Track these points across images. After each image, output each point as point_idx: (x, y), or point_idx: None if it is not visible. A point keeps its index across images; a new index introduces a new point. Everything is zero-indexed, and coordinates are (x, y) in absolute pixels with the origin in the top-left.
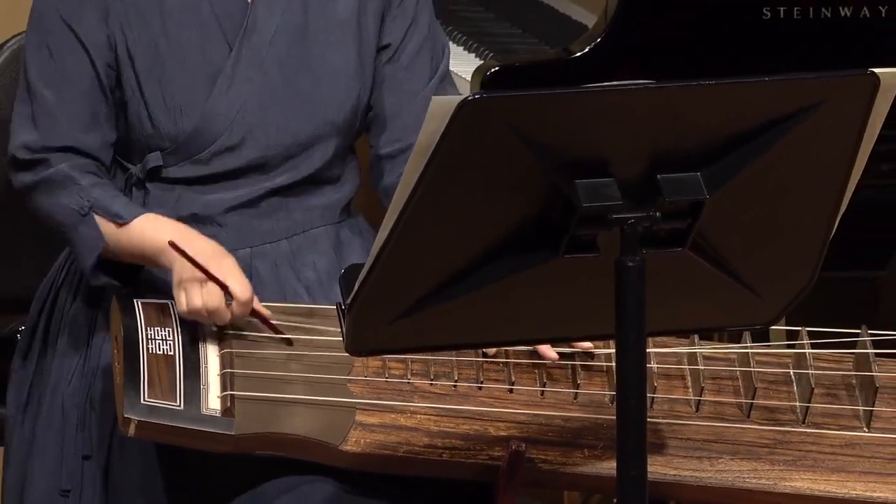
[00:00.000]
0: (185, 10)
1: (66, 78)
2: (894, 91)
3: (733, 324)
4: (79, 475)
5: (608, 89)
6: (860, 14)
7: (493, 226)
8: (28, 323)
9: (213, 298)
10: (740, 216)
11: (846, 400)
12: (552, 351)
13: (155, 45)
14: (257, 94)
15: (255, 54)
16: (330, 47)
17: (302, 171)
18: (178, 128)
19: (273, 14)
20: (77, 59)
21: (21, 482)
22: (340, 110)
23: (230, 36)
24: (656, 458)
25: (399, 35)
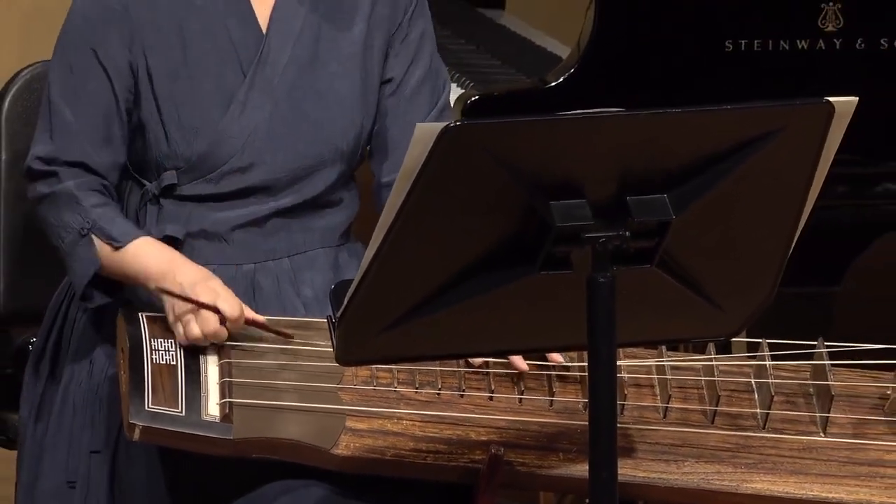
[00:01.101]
0: (205, 39)
1: (86, 98)
2: (848, 118)
3: (698, 336)
4: (87, 469)
5: (581, 117)
6: (816, 46)
7: (474, 244)
8: (41, 332)
9: (209, 324)
10: (704, 235)
11: (804, 407)
12: (523, 362)
13: (175, 71)
14: (267, 120)
15: (267, 82)
16: (337, 78)
17: (305, 193)
18: (192, 149)
19: (286, 45)
20: (98, 81)
21: (34, 479)
22: (344, 137)
23: (245, 64)
24: (626, 461)
25: (402, 70)
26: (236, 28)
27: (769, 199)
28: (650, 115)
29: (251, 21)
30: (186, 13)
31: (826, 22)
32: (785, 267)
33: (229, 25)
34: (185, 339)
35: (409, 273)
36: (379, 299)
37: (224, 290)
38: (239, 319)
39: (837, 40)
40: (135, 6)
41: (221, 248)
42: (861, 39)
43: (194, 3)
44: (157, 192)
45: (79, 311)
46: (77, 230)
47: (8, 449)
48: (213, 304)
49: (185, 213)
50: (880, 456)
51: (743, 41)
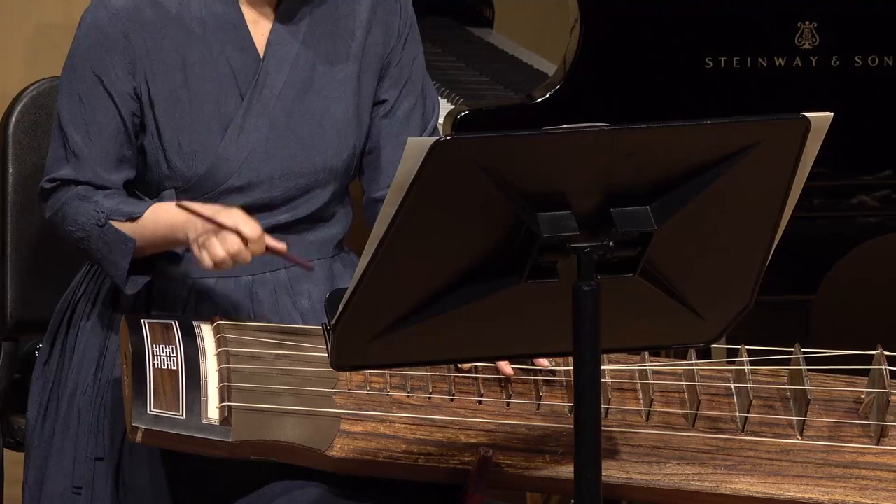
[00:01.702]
0: (205, 66)
1: (94, 123)
2: (823, 133)
3: (679, 342)
4: (91, 475)
5: (566, 131)
6: (793, 63)
7: (463, 254)
8: (47, 336)
9: (233, 244)
10: (685, 245)
11: (781, 411)
12: (509, 367)
13: (175, 96)
14: (264, 142)
15: (264, 106)
16: (331, 101)
17: (301, 210)
18: (191, 170)
19: (282, 70)
20: (104, 107)
21: (41, 480)
22: (338, 157)
23: (243, 88)
24: (610, 462)
25: (395, 93)
26: (235, 55)
27: (748, 210)
28: (633, 130)
29: (249, 48)
30: (187, 42)
31: (802, 40)
32: (763, 276)
33: (228, 52)
34: (210, 262)
35: (401, 282)
36: (372, 307)
37: (244, 215)
38: (260, 240)
39: (813, 58)
40: (136, 35)
41: None
42: (836, 57)
43: (194, 32)
44: None
45: (81, 319)
46: (94, 223)
47: (16, 451)
48: (235, 225)
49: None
50: (855, 458)
51: (722, 58)
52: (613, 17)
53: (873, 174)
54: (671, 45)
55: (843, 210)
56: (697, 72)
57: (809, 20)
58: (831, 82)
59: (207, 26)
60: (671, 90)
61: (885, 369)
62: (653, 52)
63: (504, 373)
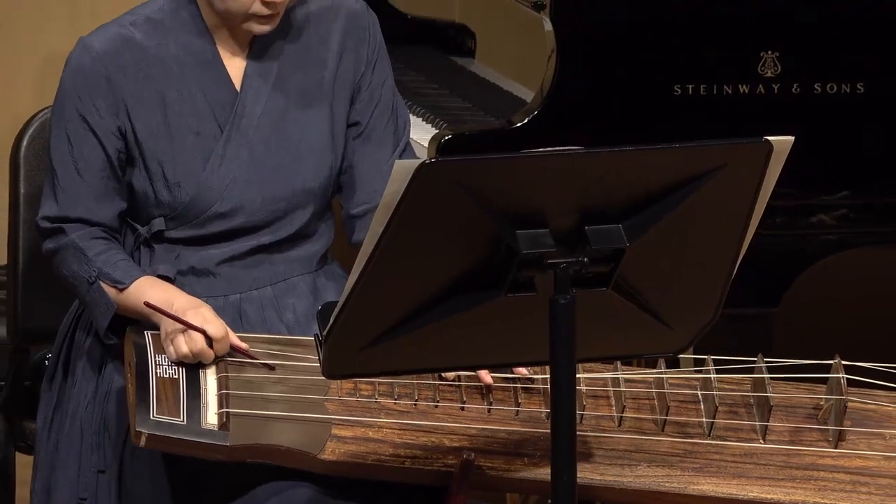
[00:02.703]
0: (184, 102)
1: (82, 162)
2: (785, 155)
3: (650, 352)
4: (94, 486)
5: (544, 155)
6: (756, 90)
7: (447, 269)
8: (53, 352)
9: (196, 343)
10: (656, 261)
11: (745, 416)
12: (489, 377)
13: (157, 133)
14: (245, 170)
15: (243, 136)
16: (307, 128)
17: (283, 231)
18: (177, 200)
19: (259, 101)
20: (90, 145)
21: (47, 489)
22: (316, 181)
23: (222, 120)
24: (584, 465)
25: (366, 116)
26: (212, 89)
27: (714, 228)
28: (606, 153)
29: (226, 82)
30: (165, 80)
31: (765, 68)
32: (728, 290)
33: (205, 87)
34: (175, 356)
35: (389, 296)
36: (361, 319)
37: (212, 316)
38: (224, 340)
39: (775, 85)
40: (117, 77)
41: (209, 282)
42: (797, 84)
43: (172, 71)
44: (147, 236)
45: (84, 336)
46: (86, 279)
47: (28, 454)
48: (201, 326)
49: (174, 254)
50: (814, 461)
51: (690, 86)
52: (587, 48)
53: (832, 194)
54: (642, 73)
55: (804, 228)
56: (666, 98)
57: (771, 50)
58: (792, 108)
59: (185, 64)
60: (642, 115)
61: (842, 378)
62: (625, 80)
63: (484, 382)
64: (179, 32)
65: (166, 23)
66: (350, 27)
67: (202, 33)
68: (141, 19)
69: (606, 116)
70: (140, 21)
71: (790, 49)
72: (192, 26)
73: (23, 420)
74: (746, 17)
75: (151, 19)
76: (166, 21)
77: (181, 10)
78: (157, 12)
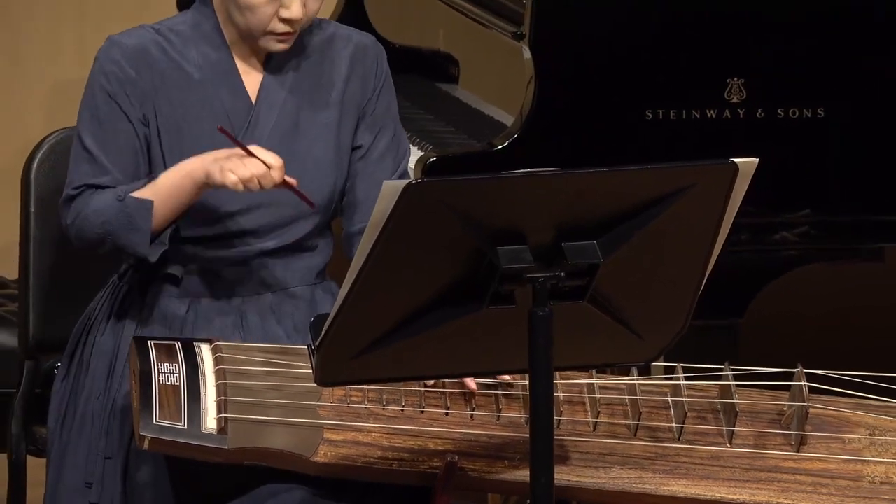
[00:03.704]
0: (202, 108)
1: (114, 139)
2: (750, 176)
3: (623, 360)
4: (101, 472)
5: (523, 175)
6: (723, 115)
7: (432, 283)
8: (66, 353)
9: (258, 166)
10: (628, 276)
11: (713, 421)
12: (473, 383)
13: (178, 129)
14: None
15: (255, 144)
16: (314, 143)
17: (286, 238)
18: None
19: (271, 114)
20: (122, 125)
21: (58, 476)
22: (320, 193)
23: (236, 129)
24: (561, 467)
25: (369, 139)
26: (228, 99)
27: (684, 244)
28: (582, 174)
29: (242, 93)
30: (187, 85)
31: (731, 94)
32: (696, 302)
33: (222, 96)
34: (237, 179)
35: (378, 308)
36: (352, 330)
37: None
38: (282, 168)
39: (741, 110)
40: (144, 71)
41: (213, 283)
42: (761, 109)
43: (193, 77)
44: None
45: (97, 335)
46: (114, 198)
47: (38, 458)
48: (260, 153)
49: (183, 251)
50: (777, 463)
51: (661, 110)
52: (564, 75)
53: (794, 213)
54: (615, 98)
55: (767, 244)
56: (638, 122)
57: (737, 77)
58: (757, 132)
59: (205, 72)
60: (615, 138)
61: (804, 385)
62: (599, 105)
63: (469, 388)
64: (200, 43)
65: (188, 33)
66: (358, 55)
67: (221, 46)
68: (165, 29)
69: (582, 139)
70: (164, 30)
71: (755, 76)
72: (213, 39)
73: (34, 425)
74: (714, 46)
75: (174, 30)
76: (188, 32)
77: (203, 24)
78: (180, 24)
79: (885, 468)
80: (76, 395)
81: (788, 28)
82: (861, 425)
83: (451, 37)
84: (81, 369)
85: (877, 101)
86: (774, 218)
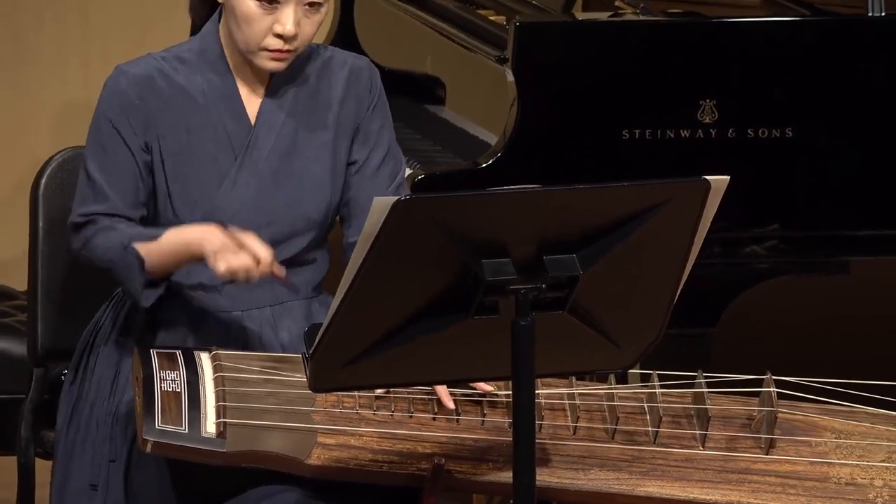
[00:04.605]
0: (205, 130)
1: (116, 170)
2: (721, 193)
3: (601, 368)
4: (105, 474)
5: (506, 192)
6: (696, 135)
7: (420, 294)
8: (72, 363)
9: (248, 260)
10: (607, 287)
11: (686, 426)
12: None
13: (180, 154)
14: (253, 195)
15: (254, 165)
16: (311, 162)
17: (284, 254)
18: (192, 216)
19: (270, 135)
20: (123, 154)
21: (65, 478)
22: (316, 210)
23: (237, 149)
24: (543, 469)
25: (364, 154)
26: (230, 121)
27: (659, 257)
28: (562, 191)
29: (243, 116)
30: (190, 108)
31: (704, 115)
32: (671, 312)
33: (224, 120)
34: (226, 270)
35: (368, 318)
36: (344, 339)
37: (259, 241)
38: (267, 260)
39: (713, 130)
40: (149, 99)
41: (215, 298)
42: (732, 129)
43: (196, 102)
44: None
45: (102, 344)
46: (120, 244)
47: (46, 459)
48: (252, 246)
49: (184, 268)
50: (748, 465)
51: (637, 130)
52: (545, 97)
53: (763, 227)
54: (594, 119)
55: (739, 257)
56: (616, 142)
57: (709, 98)
58: (728, 150)
59: (208, 97)
60: (594, 157)
61: (773, 391)
62: (579, 125)
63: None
64: (205, 70)
65: (193, 61)
66: (353, 77)
67: (224, 72)
68: (172, 56)
69: (562, 158)
70: (171, 58)
71: (726, 98)
72: (216, 65)
73: (42, 429)
74: (687, 70)
75: (180, 57)
76: (193, 60)
77: (207, 52)
78: (186, 52)
79: (849, 470)
80: (82, 400)
81: (757, 54)
82: (827, 429)
83: (438, 61)
84: (87, 376)
85: (841, 122)
86: (745, 232)
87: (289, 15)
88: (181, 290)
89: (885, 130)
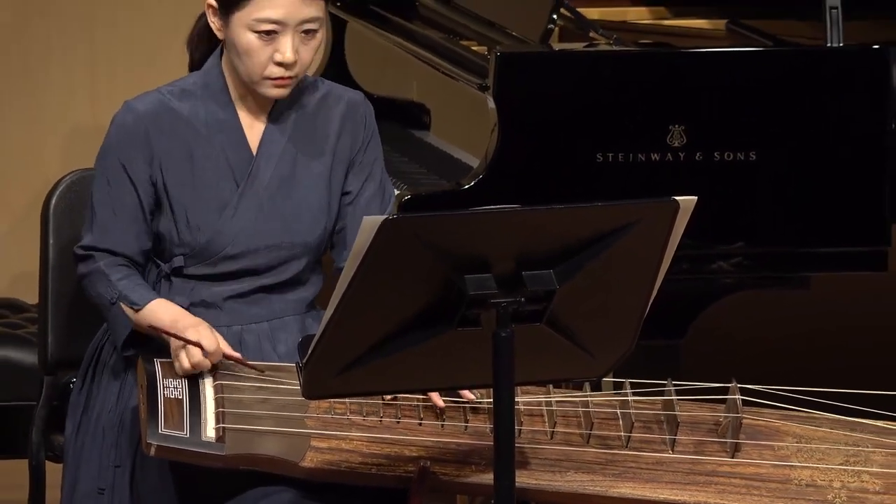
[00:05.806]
0: (207, 159)
1: (118, 203)
2: (690, 212)
3: (577, 376)
4: (112, 479)
5: (487, 212)
6: (666, 158)
7: (407, 307)
8: (80, 372)
9: (195, 355)
10: (582, 301)
11: (657, 431)
12: (440, 400)
13: (183, 183)
14: (253, 222)
15: (255, 193)
16: (308, 190)
17: (282, 276)
18: (195, 241)
19: (270, 165)
20: (127, 190)
21: (74, 483)
22: (312, 236)
23: (238, 178)
24: (522, 471)
25: (357, 185)
26: (231, 151)
27: (630, 272)
28: (540, 210)
29: (244, 146)
30: (194, 140)
31: (673, 139)
32: (642, 324)
33: (227, 149)
34: (180, 371)
35: (358, 330)
36: (335, 349)
37: (207, 332)
38: (216, 352)
39: (682, 154)
40: (154, 134)
41: (216, 314)
42: (700, 153)
43: (200, 133)
44: (168, 271)
45: (109, 354)
46: (108, 300)
47: (56, 462)
48: (196, 340)
49: (189, 287)
50: (714, 468)
51: (610, 154)
52: (524, 122)
53: (729, 245)
54: (569, 143)
55: (705, 273)
56: (590, 164)
57: (678, 124)
58: (696, 172)
59: (211, 128)
60: (570, 179)
61: (738, 398)
62: (555, 149)
63: (436, 404)
64: (208, 102)
65: (197, 93)
66: (349, 112)
67: (227, 104)
68: (177, 90)
69: (540, 179)
70: (176, 91)
71: (694, 124)
72: (219, 97)
73: (52, 434)
74: (657, 97)
75: (185, 90)
76: (198, 92)
77: (211, 84)
78: (190, 85)
79: (810, 472)
80: (90, 407)
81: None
82: (789, 434)
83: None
84: (94, 385)
85: (802, 146)
86: (711, 250)
87: (287, 43)
88: (185, 306)
89: (842, 154)
